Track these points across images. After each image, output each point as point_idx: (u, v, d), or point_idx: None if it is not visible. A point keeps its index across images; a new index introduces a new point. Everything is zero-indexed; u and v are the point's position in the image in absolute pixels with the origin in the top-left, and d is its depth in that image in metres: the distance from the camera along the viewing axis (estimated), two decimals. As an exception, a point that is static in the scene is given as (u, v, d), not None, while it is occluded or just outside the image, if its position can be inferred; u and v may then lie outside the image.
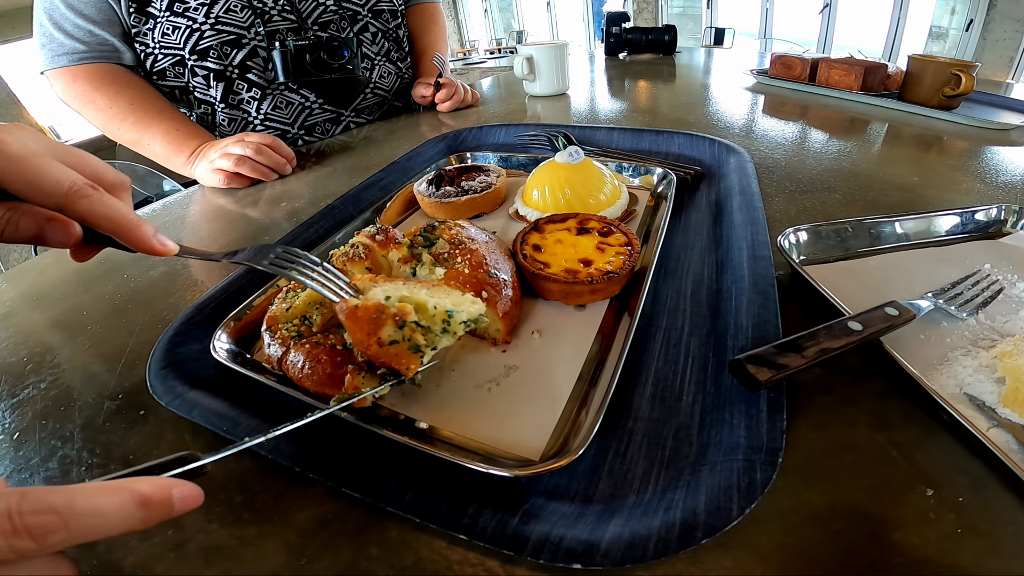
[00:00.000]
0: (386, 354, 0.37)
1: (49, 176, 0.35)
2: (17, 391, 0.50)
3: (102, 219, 0.37)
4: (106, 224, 0.37)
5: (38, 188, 0.35)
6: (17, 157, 0.34)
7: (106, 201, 0.37)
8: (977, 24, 4.37)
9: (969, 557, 0.29)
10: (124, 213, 0.38)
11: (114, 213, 0.37)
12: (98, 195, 0.37)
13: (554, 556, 0.29)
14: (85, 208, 0.36)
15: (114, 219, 0.37)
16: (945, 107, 1.05)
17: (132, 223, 0.38)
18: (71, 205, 0.36)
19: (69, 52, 1.02)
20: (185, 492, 0.28)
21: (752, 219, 0.59)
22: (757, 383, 0.35)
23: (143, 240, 0.39)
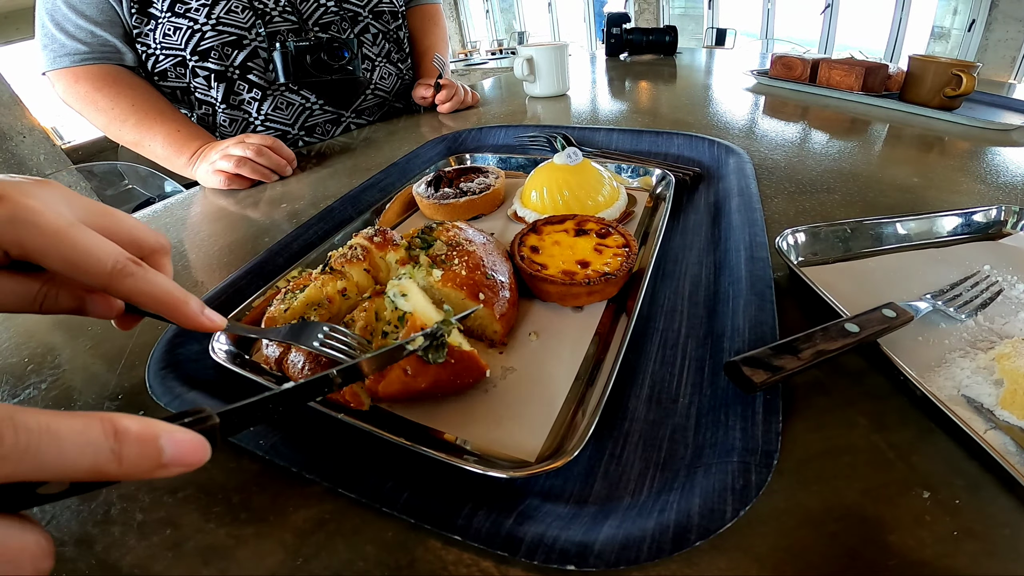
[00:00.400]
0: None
1: (91, 254, 0.33)
2: (18, 391, 0.50)
3: (148, 299, 0.35)
4: (152, 304, 0.35)
5: (79, 267, 0.32)
6: (53, 231, 0.32)
7: (150, 279, 0.35)
8: (979, 24, 4.36)
9: (965, 559, 0.28)
10: (169, 291, 0.36)
11: (160, 292, 0.35)
12: (142, 273, 0.35)
13: (548, 557, 0.29)
14: (130, 288, 0.34)
15: (160, 298, 0.35)
16: (946, 108, 1.05)
17: (179, 300, 0.36)
18: (115, 285, 0.34)
19: (71, 53, 1.02)
20: (181, 439, 0.23)
21: (750, 220, 0.59)
22: (753, 385, 0.35)
23: (190, 318, 0.37)
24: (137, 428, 0.22)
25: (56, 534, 0.35)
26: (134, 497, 0.37)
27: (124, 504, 0.37)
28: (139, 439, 0.22)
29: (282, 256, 0.64)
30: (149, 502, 0.37)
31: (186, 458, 0.24)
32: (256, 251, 0.68)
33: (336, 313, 0.49)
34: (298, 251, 0.66)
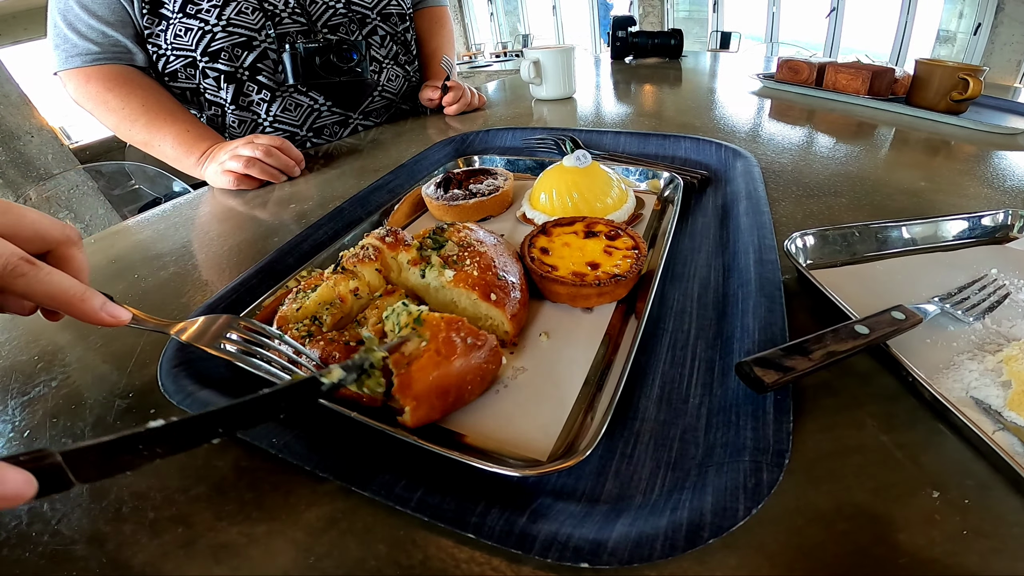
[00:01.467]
0: None
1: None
2: (28, 389, 0.50)
3: (43, 297, 0.35)
4: (48, 302, 0.36)
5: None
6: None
7: (43, 278, 0.35)
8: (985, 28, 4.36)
9: (975, 558, 0.29)
10: (65, 288, 0.36)
11: (55, 290, 0.35)
12: (34, 272, 0.35)
13: (561, 555, 0.30)
14: (23, 288, 0.34)
15: (55, 296, 0.36)
16: (952, 111, 1.05)
17: (75, 298, 0.36)
18: (11, 286, 0.34)
19: (83, 53, 1.03)
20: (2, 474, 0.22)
21: (759, 223, 0.60)
22: (763, 385, 0.36)
23: (90, 314, 0.37)
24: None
25: (67, 532, 0.35)
26: (146, 495, 0.38)
27: (136, 502, 0.37)
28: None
29: (292, 256, 0.65)
30: (161, 500, 0.37)
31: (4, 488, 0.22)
32: (265, 251, 0.68)
33: (348, 312, 0.49)
34: (308, 251, 0.66)
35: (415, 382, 0.38)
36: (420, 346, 0.39)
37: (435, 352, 0.39)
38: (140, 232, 0.86)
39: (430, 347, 0.39)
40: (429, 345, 0.39)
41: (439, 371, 0.39)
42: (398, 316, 0.42)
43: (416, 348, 0.39)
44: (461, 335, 0.41)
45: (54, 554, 0.34)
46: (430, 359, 0.39)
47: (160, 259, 0.73)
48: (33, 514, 0.37)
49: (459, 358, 0.40)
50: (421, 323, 0.41)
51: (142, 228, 0.87)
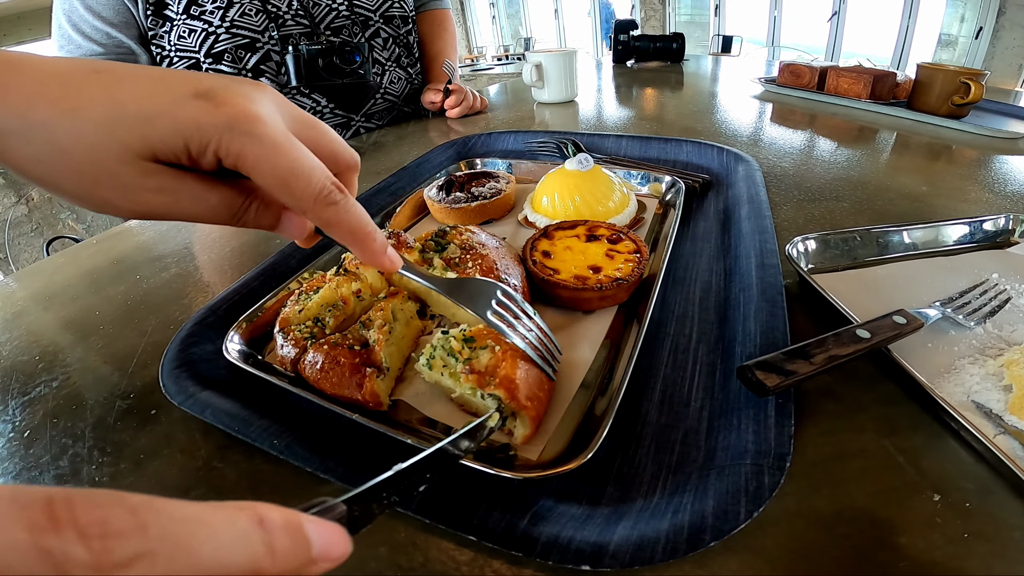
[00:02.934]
0: None
1: (302, 175, 0.32)
2: (28, 389, 0.50)
3: (342, 230, 0.35)
4: (345, 235, 0.35)
5: (291, 189, 0.32)
6: (272, 145, 0.31)
7: (350, 209, 0.34)
8: (986, 32, 4.37)
9: (975, 562, 0.29)
10: (364, 223, 0.35)
11: (354, 224, 0.35)
12: (344, 202, 0.34)
13: (563, 557, 0.30)
14: (330, 217, 0.33)
15: (353, 231, 0.35)
16: (954, 116, 1.05)
17: (368, 235, 0.35)
18: (317, 211, 0.33)
19: (87, 54, 1.03)
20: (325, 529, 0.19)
21: (760, 227, 0.60)
22: (765, 389, 0.36)
23: (374, 254, 0.36)
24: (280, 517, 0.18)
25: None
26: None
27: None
28: (286, 529, 0.18)
29: (294, 258, 0.65)
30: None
31: (333, 551, 0.20)
32: (267, 253, 0.68)
33: (351, 314, 0.49)
34: (311, 253, 0.66)
35: (517, 383, 0.38)
36: (496, 352, 0.40)
37: (511, 349, 0.40)
38: (142, 233, 0.86)
39: (504, 348, 0.40)
40: (503, 347, 0.40)
41: (527, 364, 0.40)
42: (447, 345, 0.41)
43: (493, 357, 0.39)
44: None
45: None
46: (511, 356, 0.39)
47: (162, 260, 0.73)
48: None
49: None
50: (473, 340, 0.41)
51: (144, 229, 0.87)
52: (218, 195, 0.33)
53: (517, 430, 0.38)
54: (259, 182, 0.32)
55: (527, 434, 0.38)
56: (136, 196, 0.31)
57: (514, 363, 0.39)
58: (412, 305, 0.51)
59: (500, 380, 0.37)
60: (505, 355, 0.39)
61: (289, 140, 0.32)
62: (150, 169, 0.30)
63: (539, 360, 0.41)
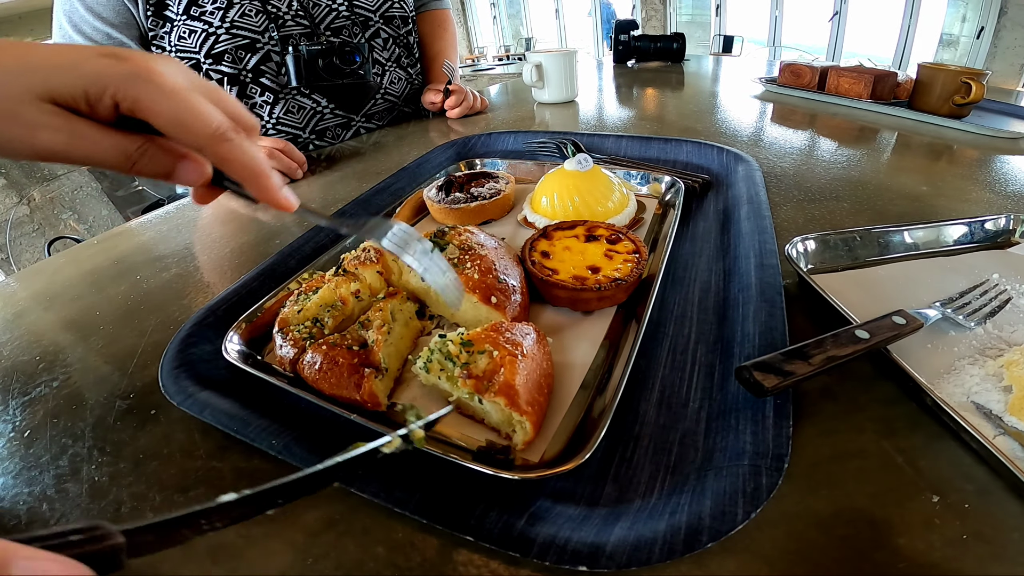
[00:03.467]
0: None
1: (199, 115, 0.35)
2: (29, 389, 0.51)
3: (238, 165, 0.37)
4: (240, 170, 0.37)
5: (186, 126, 0.34)
6: (171, 91, 0.34)
7: (245, 148, 0.37)
8: (988, 31, 4.36)
9: (974, 563, 0.29)
10: (259, 161, 0.37)
11: (250, 160, 0.37)
12: (239, 140, 0.36)
13: (560, 558, 0.30)
14: (225, 152, 0.36)
15: (248, 166, 0.37)
16: (955, 116, 1.05)
17: (264, 172, 0.37)
18: (213, 147, 0.36)
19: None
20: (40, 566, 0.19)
21: (760, 228, 0.59)
22: (763, 389, 0.36)
23: (270, 191, 0.38)
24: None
25: (66, 531, 0.35)
26: (144, 496, 0.38)
27: (134, 503, 0.37)
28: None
29: (294, 258, 0.65)
30: (160, 500, 0.37)
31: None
32: (266, 254, 0.68)
33: (350, 315, 0.49)
34: (309, 253, 0.66)
35: (517, 389, 0.37)
36: (494, 357, 0.39)
37: (510, 355, 0.39)
38: (143, 233, 0.86)
39: (502, 353, 0.39)
40: (500, 352, 0.39)
41: (526, 368, 0.39)
42: (444, 348, 0.41)
43: (491, 361, 0.39)
44: (512, 331, 0.42)
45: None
46: (510, 363, 0.39)
47: (162, 260, 0.73)
48: (32, 514, 0.37)
49: (529, 349, 0.40)
50: (471, 344, 0.41)
51: (145, 229, 0.87)
52: (112, 139, 0.35)
53: (517, 435, 0.38)
54: (156, 123, 0.34)
55: (527, 439, 0.38)
56: (34, 133, 0.33)
57: (513, 368, 0.38)
58: (411, 306, 0.51)
59: (500, 386, 0.37)
60: (503, 359, 0.39)
61: (187, 89, 0.35)
62: (48, 110, 0.33)
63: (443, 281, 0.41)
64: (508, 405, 0.37)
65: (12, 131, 0.33)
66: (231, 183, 0.39)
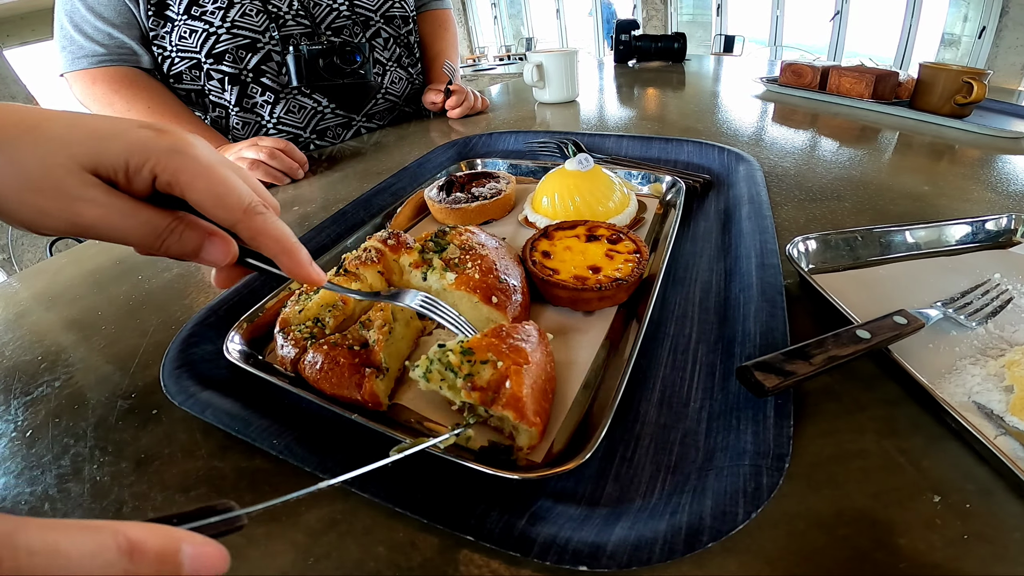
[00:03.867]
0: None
1: (234, 190, 0.35)
2: (31, 389, 0.51)
3: (271, 240, 0.36)
4: (272, 246, 0.37)
5: (222, 201, 0.35)
6: (207, 165, 0.34)
7: (277, 222, 0.37)
8: (989, 31, 4.35)
9: (975, 563, 0.29)
10: (290, 236, 0.37)
11: (282, 235, 0.37)
12: (271, 215, 0.37)
13: (560, 557, 0.30)
14: (259, 225, 0.36)
15: (280, 241, 0.37)
16: (957, 115, 1.05)
17: (295, 247, 0.37)
18: (247, 221, 0.35)
19: (89, 55, 1.03)
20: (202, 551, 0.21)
21: (761, 227, 0.59)
22: (764, 389, 0.35)
23: (302, 265, 0.38)
24: (156, 545, 0.19)
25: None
26: (146, 496, 0.38)
27: (136, 503, 0.37)
28: (159, 558, 0.19)
29: (295, 258, 0.65)
30: (161, 500, 0.37)
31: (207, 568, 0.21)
32: (268, 253, 0.68)
33: (350, 315, 0.49)
34: (311, 253, 0.66)
35: (525, 401, 0.37)
36: (499, 367, 0.39)
37: (514, 364, 0.38)
38: (144, 234, 0.86)
39: (507, 363, 0.39)
40: (505, 363, 0.39)
41: (531, 376, 0.38)
42: (444, 358, 0.40)
43: (496, 372, 0.38)
44: (514, 336, 0.41)
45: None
46: (515, 372, 0.38)
47: (164, 261, 0.73)
48: (33, 514, 0.37)
49: (531, 355, 0.40)
50: (472, 352, 0.40)
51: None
52: (145, 214, 0.35)
53: (521, 438, 0.38)
54: (192, 196, 0.34)
55: (532, 444, 0.38)
56: (72, 205, 0.33)
57: (519, 379, 0.38)
58: (412, 306, 0.51)
59: (507, 399, 0.37)
60: (508, 371, 0.38)
61: (221, 164, 0.35)
62: (91, 182, 0.33)
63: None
64: (517, 418, 0.36)
65: (52, 203, 0.33)
66: (256, 260, 0.39)
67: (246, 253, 0.39)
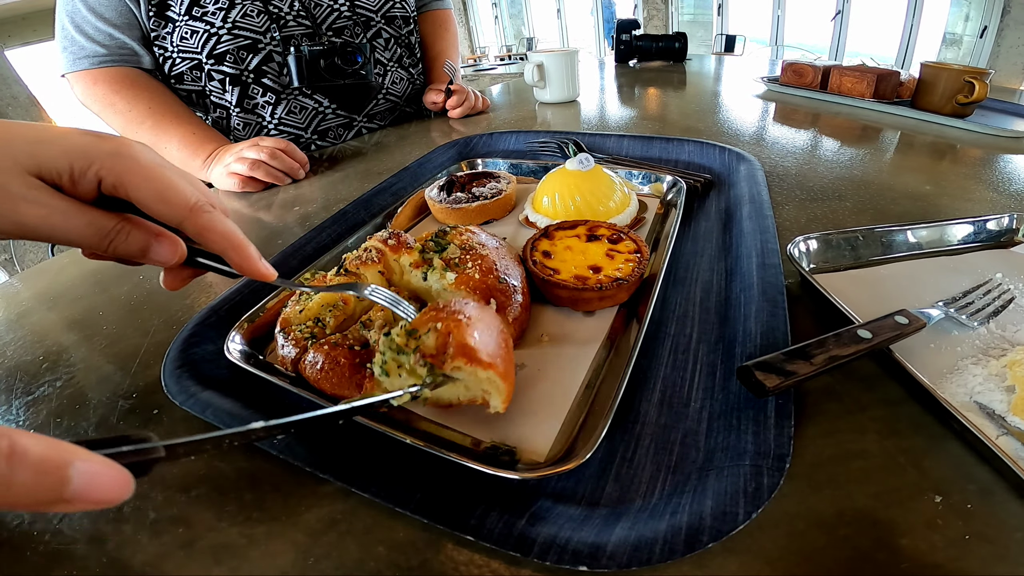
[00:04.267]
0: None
1: (179, 190, 0.36)
2: (32, 389, 0.51)
3: (219, 236, 0.37)
4: (221, 241, 0.37)
5: (168, 200, 0.36)
6: (150, 167, 0.35)
7: (224, 219, 0.38)
8: (991, 31, 4.35)
9: (976, 563, 0.29)
10: (236, 232, 0.38)
11: (229, 231, 0.38)
12: (217, 213, 0.38)
13: (560, 558, 0.30)
14: (206, 222, 0.37)
15: (229, 237, 0.38)
16: (958, 115, 1.05)
17: (243, 243, 0.38)
18: (194, 219, 0.36)
19: (90, 55, 1.04)
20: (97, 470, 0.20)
21: (762, 227, 0.59)
22: (765, 389, 0.35)
23: (249, 260, 0.39)
24: (39, 452, 0.19)
25: (68, 532, 0.36)
26: (147, 495, 0.38)
27: (137, 502, 0.37)
28: (39, 467, 0.19)
29: (295, 258, 0.65)
30: (162, 500, 0.37)
31: (96, 495, 0.20)
32: (269, 254, 0.68)
33: (351, 314, 0.49)
34: (311, 254, 0.66)
35: (473, 346, 0.36)
36: (438, 328, 0.37)
37: (453, 321, 0.37)
38: (145, 234, 0.86)
39: (446, 323, 0.37)
40: (444, 324, 0.37)
41: (474, 327, 0.37)
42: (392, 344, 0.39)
43: (439, 335, 0.37)
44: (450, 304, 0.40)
45: (55, 553, 0.34)
46: (456, 325, 0.37)
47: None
48: (35, 514, 0.37)
49: (472, 311, 0.39)
50: (416, 331, 0.39)
51: (147, 230, 0.87)
52: (90, 216, 0.36)
53: (492, 397, 0.37)
54: (137, 196, 0.35)
55: (504, 397, 0.37)
56: (16, 206, 0.34)
57: (460, 329, 0.36)
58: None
59: (454, 350, 0.35)
60: (448, 327, 0.37)
61: (165, 167, 0.37)
62: (34, 184, 0.34)
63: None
64: (469, 363, 0.35)
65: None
66: (206, 259, 0.41)
67: (195, 253, 0.40)
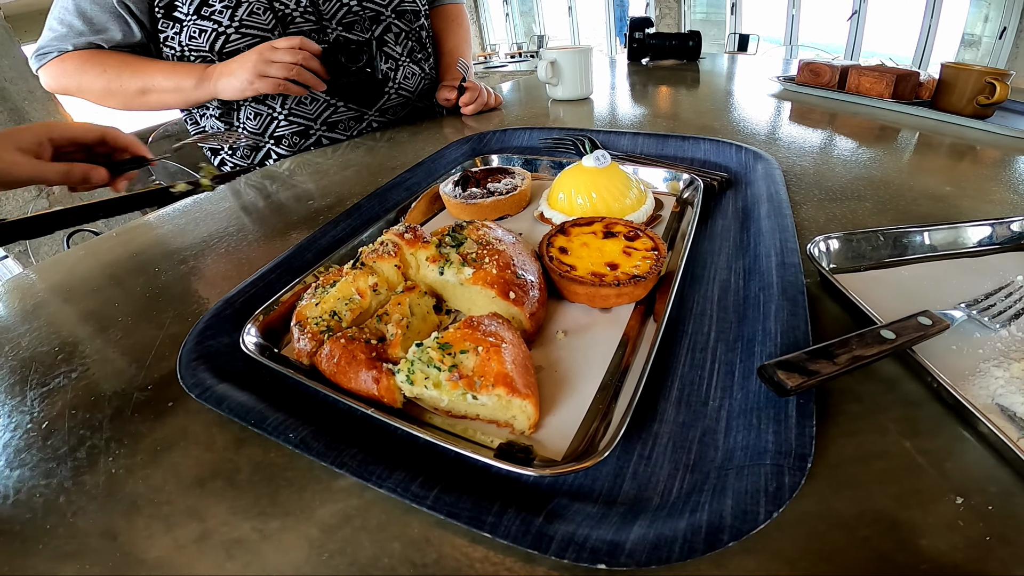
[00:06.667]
0: None
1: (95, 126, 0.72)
2: (48, 380, 0.51)
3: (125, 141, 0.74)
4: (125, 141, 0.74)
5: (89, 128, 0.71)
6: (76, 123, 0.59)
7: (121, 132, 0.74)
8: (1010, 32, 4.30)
9: (997, 564, 0.28)
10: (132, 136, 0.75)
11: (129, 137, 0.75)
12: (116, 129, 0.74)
13: (578, 555, 0.29)
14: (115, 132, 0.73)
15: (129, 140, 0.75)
16: (979, 116, 1.03)
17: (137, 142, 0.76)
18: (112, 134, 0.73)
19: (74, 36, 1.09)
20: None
21: (780, 226, 0.59)
22: (786, 389, 0.35)
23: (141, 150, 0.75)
24: None
25: (82, 525, 0.36)
26: (161, 488, 0.38)
27: (151, 495, 0.37)
28: None
29: (310, 251, 0.65)
30: (176, 493, 0.37)
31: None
32: (284, 247, 0.68)
33: (367, 308, 0.49)
34: (327, 247, 0.66)
35: (512, 376, 0.38)
36: (479, 352, 0.40)
37: (494, 346, 0.40)
38: (160, 227, 0.87)
39: (486, 346, 0.40)
40: (484, 346, 0.40)
41: (511, 355, 0.40)
42: (424, 356, 0.40)
43: (478, 359, 0.39)
44: (484, 324, 0.42)
45: (68, 547, 0.34)
46: (497, 353, 0.39)
47: (180, 254, 0.74)
48: (48, 506, 0.37)
49: (507, 336, 0.41)
50: (449, 345, 0.41)
51: (163, 223, 0.88)
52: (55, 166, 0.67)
53: (519, 421, 0.39)
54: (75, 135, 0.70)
55: (533, 421, 0.39)
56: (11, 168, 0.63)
57: (501, 357, 0.39)
58: (429, 300, 0.51)
59: (495, 377, 0.38)
60: (489, 352, 0.39)
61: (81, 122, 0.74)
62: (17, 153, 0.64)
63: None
64: (509, 393, 0.37)
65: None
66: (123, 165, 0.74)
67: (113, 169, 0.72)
